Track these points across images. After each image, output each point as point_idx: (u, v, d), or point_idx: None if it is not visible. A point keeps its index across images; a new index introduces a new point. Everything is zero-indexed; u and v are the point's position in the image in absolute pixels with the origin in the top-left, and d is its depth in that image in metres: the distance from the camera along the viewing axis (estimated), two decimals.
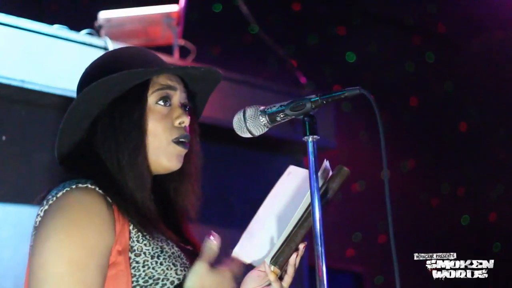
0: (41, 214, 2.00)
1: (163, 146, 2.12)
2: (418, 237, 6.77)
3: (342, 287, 6.94)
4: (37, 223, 2.00)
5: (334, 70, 6.81)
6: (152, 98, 2.14)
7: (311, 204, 2.01)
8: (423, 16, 7.27)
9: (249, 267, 2.26)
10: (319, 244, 1.97)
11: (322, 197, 2.11)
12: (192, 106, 2.25)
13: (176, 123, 2.15)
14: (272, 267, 2.16)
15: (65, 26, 4.00)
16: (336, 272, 6.58)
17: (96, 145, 2.11)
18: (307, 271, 5.11)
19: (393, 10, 7.19)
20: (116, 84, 2.10)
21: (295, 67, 5.43)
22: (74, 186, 1.99)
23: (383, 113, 2.04)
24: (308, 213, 2.16)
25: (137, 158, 2.08)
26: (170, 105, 2.16)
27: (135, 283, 1.98)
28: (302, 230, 2.16)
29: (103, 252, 1.95)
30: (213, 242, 2.02)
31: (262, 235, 2.27)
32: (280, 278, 2.20)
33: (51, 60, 3.87)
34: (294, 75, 5.36)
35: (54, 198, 1.99)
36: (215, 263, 2.03)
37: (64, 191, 1.98)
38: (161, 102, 2.14)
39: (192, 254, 2.13)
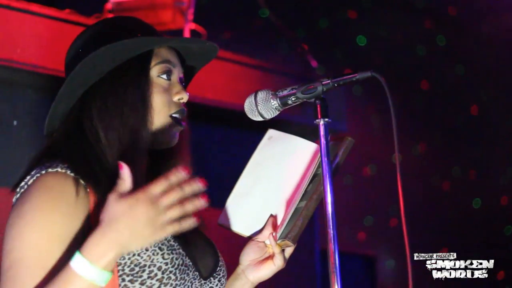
0: (14, 202, 1.95)
1: (161, 120, 2.06)
2: (430, 221, 6.77)
3: (353, 271, 6.95)
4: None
5: (345, 53, 6.80)
6: (154, 71, 2.08)
7: (323, 188, 2.00)
8: None
9: (242, 237, 2.21)
10: (331, 227, 1.98)
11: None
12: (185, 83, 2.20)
13: (175, 98, 2.10)
14: (281, 240, 2.13)
15: (76, 11, 4.00)
16: (348, 255, 6.59)
17: (89, 114, 2.04)
18: (318, 254, 5.12)
19: None
20: (124, 50, 2.05)
21: (306, 51, 5.42)
22: (44, 172, 1.93)
23: (394, 96, 2.03)
24: (317, 185, 2.15)
25: (142, 131, 2.02)
26: (170, 79, 2.11)
27: (121, 272, 1.90)
28: (312, 203, 2.15)
29: (69, 239, 1.87)
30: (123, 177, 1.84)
31: (252, 204, 2.22)
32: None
33: (63, 45, 3.88)
34: (305, 58, 5.35)
35: (26, 186, 1.94)
36: None
37: (35, 177, 1.93)
38: (163, 76, 2.09)
39: (180, 235, 1.97)
